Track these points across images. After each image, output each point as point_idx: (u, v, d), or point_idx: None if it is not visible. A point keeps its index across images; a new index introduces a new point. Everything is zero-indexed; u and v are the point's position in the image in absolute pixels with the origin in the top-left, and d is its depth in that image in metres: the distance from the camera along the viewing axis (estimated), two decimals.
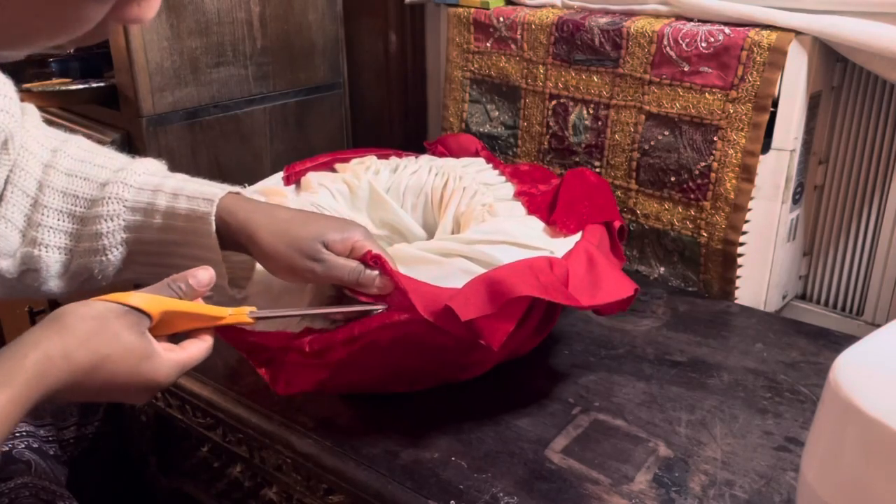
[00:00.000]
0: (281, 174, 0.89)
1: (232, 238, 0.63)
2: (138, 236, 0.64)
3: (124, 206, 0.63)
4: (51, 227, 0.63)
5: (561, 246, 0.70)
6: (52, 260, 0.64)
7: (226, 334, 0.65)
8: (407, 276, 0.62)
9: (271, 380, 0.68)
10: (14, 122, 0.62)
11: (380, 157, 0.92)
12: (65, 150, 0.66)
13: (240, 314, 0.58)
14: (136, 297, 0.53)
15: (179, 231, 0.63)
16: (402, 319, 0.60)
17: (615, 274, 0.66)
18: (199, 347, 0.56)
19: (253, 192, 0.82)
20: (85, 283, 0.66)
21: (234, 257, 0.66)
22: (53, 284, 0.65)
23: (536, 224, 0.76)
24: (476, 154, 0.94)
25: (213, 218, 0.62)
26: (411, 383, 0.70)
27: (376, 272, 0.62)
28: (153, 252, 0.65)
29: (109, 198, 0.63)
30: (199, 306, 0.57)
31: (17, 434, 0.72)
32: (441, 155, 0.95)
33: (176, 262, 0.64)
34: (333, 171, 0.90)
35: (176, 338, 0.57)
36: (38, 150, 0.65)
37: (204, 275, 0.57)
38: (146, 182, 0.64)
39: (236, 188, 0.67)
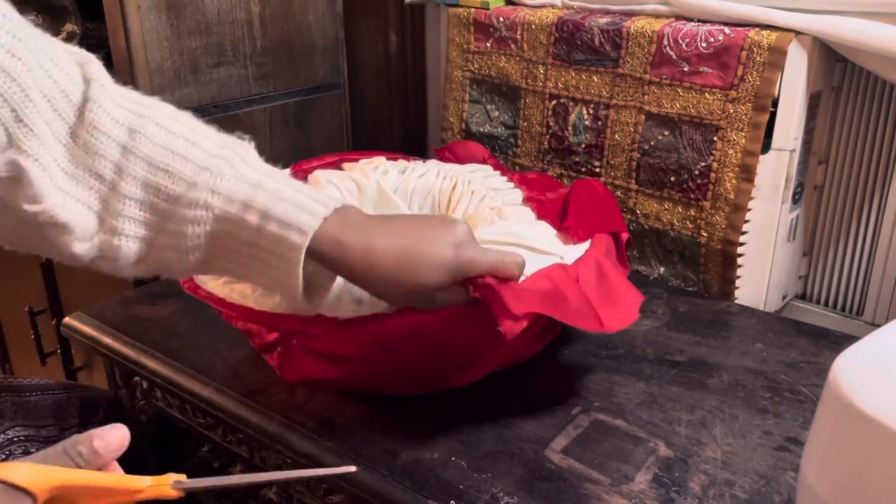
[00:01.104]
0: (287, 171, 0.89)
1: (336, 269, 0.58)
2: (224, 242, 0.58)
3: (213, 214, 0.57)
4: (131, 218, 0.58)
5: (571, 253, 0.70)
6: (131, 251, 0.59)
7: (230, 310, 0.65)
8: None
9: (278, 365, 0.68)
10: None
11: (388, 159, 0.92)
12: (143, 132, 0.58)
13: (161, 485, 0.47)
14: (17, 472, 0.42)
15: (265, 250, 0.57)
16: (417, 322, 0.61)
17: (624, 289, 0.67)
18: None
19: None
20: (163, 272, 0.62)
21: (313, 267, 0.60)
22: (130, 271, 0.61)
23: (547, 229, 0.76)
24: (483, 162, 0.94)
25: (302, 254, 0.56)
26: (417, 385, 0.70)
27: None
28: (236, 261, 0.59)
29: (197, 203, 0.57)
30: (105, 477, 0.45)
31: (15, 439, 0.72)
32: (448, 161, 0.95)
33: (256, 271, 0.59)
34: (341, 170, 0.90)
35: None
36: (112, 128, 0.57)
37: (114, 437, 0.46)
38: (236, 192, 0.57)
39: (339, 200, 0.59)
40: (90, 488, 0.44)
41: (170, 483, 0.47)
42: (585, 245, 0.72)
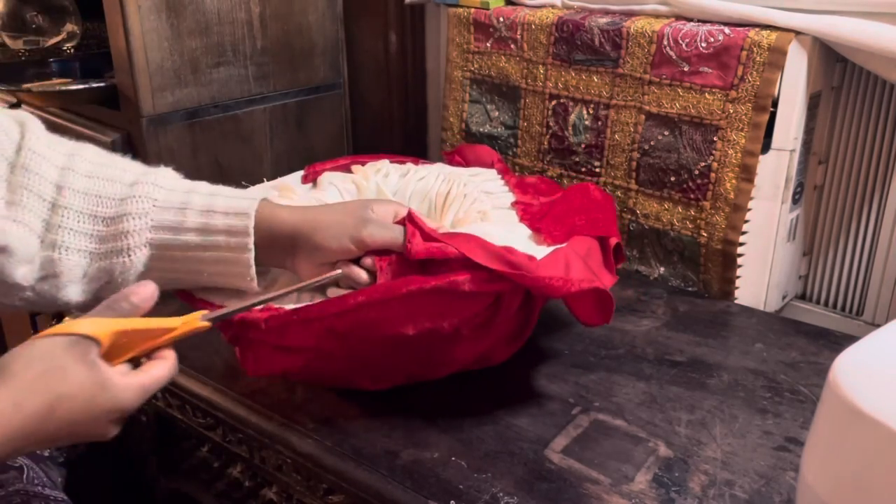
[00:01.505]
0: (301, 172, 0.90)
1: (279, 238, 0.64)
2: (166, 238, 0.63)
3: (154, 205, 0.62)
4: (72, 230, 0.61)
5: (542, 254, 0.68)
6: (72, 263, 0.61)
7: (192, 304, 0.66)
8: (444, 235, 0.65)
9: (241, 358, 0.69)
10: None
11: (399, 163, 0.92)
12: (81, 154, 0.64)
13: (192, 321, 0.56)
14: (81, 324, 0.51)
15: (213, 245, 0.63)
16: (358, 302, 0.61)
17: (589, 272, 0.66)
18: (160, 368, 0.54)
19: (269, 186, 0.84)
20: (104, 287, 0.64)
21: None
22: (72, 290, 0.63)
23: (523, 231, 0.75)
24: (491, 165, 0.93)
25: (251, 236, 0.62)
26: (375, 378, 0.70)
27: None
28: (180, 258, 0.63)
29: (139, 196, 0.62)
30: (147, 321, 0.54)
31: None
32: (458, 164, 0.95)
33: (203, 269, 0.64)
34: (350, 172, 0.90)
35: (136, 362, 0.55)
36: (50, 153, 0.62)
37: (146, 289, 0.54)
38: (177, 185, 0.64)
39: (260, 192, 0.67)
40: (137, 331, 0.54)
41: (198, 317, 0.56)
42: (559, 247, 0.71)
